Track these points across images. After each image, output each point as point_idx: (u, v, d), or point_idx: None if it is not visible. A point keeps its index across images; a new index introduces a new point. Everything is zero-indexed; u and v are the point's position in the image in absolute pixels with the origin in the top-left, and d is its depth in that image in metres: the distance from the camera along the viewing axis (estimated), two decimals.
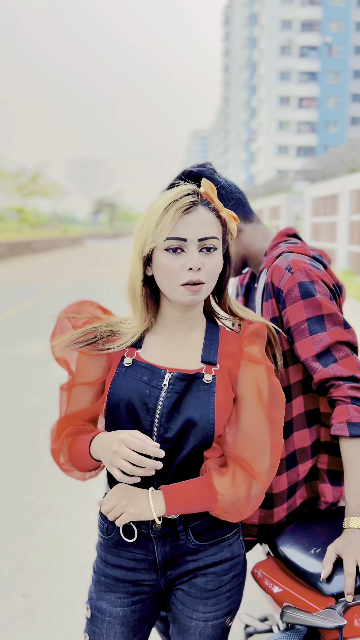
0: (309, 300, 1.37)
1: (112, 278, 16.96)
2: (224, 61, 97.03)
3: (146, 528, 1.23)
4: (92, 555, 2.85)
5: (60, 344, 1.26)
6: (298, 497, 1.49)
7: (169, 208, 1.15)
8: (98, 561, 1.33)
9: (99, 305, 1.34)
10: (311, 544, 1.33)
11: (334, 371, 1.34)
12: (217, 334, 1.27)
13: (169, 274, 1.17)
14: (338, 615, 1.10)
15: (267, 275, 1.46)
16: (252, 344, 1.24)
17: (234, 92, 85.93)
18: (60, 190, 59.06)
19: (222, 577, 1.26)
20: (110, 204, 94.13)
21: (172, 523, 1.23)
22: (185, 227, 1.15)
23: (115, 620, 1.27)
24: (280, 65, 62.78)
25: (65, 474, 1.32)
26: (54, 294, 13.50)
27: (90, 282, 16.06)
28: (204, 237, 1.16)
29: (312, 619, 1.11)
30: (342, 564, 1.22)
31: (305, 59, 63.17)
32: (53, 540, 3.02)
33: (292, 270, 1.40)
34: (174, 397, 1.19)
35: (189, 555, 1.25)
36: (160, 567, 1.26)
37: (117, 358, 1.26)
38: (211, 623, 1.26)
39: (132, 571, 1.27)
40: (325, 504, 1.49)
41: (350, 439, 1.30)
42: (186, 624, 1.27)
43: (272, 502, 1.46)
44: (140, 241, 1.20)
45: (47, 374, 6.32)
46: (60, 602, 2.53)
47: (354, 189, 15.06)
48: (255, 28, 69.57)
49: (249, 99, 73.13)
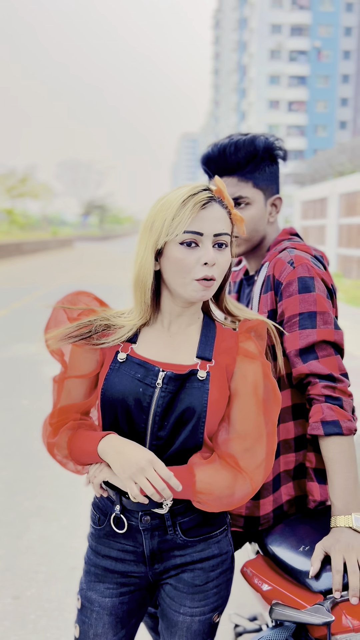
0: (306, 295, 1.39)
1: (102, 280, 16.93)
2: (214, 64, 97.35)
3: (135, 520, 1.25)
4: (82, 557, 2.87)
5: (55, 337, 1.25)
6: (284, 492, 1.50)
7: (187, 202, 1.15)
8: (89, 552, 1.35)
9: (95, 296, 1.33)
10: (300, 542, 1.35)
11: (313, 368, 1.35)
12: (213, 330, 1.28)
13: (183, 268, 1.17)
14: (326, 611, 1.11)
15: (269, 267, 1.48)
16: (248, 339, 1.25)
17: (224, 95, 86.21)
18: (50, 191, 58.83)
19: (209, 573, 1.27)
20: (100, 205, 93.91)
21: (161, 518, 1.24)
22: (202, 222, 1.16)
23: (104, 611, 1.29)
24: (270, 69, 63.10)
25: (61, 466, 1.31)
26: (43, 295, 13.45)
27: (80, 284, 16.01)
28: (219, 233, 1.18)
29: (300, 615, 1.12)
30: (330, 562, 1.23)
31: (294, 63, 63.56)
32: (42, 542, 3.02)
33: (294, 265, 1.42)
34: (168, 397, 1.20)
35: (177, 550, 1.26)
36: (148, 560, 1.27)
37: (110, 353, 1.26)
38: (198, 618, 1.27)
39: (121, 562, 1.29)
40: (313, 502, 1.50)
41: (326, 438, 1.32)
42: (174, 618, 1.28)
43: (259, 494, 1.47)
44: (154, 234, 1.19)
45: (36, 376, 6.30)
46: (50, 604, 2.52)
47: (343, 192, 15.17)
48: (245, 32, 69.88)
49: (239, 102, 73.39)
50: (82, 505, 3.41)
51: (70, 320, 1.27)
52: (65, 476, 3.77)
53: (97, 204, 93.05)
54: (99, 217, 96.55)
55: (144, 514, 1.24)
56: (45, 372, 6.48)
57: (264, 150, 1.51)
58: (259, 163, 1.52)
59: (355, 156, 17.70)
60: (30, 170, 52.98)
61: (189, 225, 1.15)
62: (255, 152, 1.50)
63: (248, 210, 1.53)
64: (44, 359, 7.08)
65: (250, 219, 1.53)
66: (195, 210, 1.15)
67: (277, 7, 62.32)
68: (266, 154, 1.52)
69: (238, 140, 1.50)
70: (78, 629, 1.33)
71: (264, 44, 62.59)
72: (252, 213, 1.53)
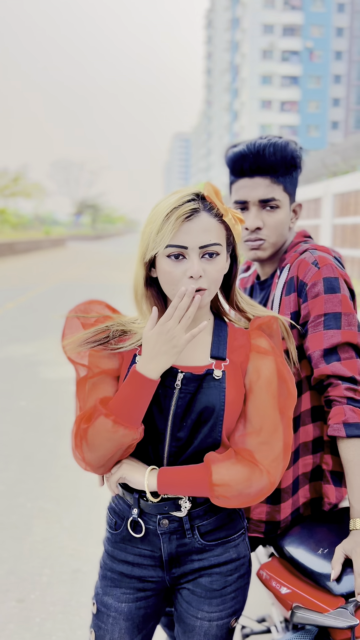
0: (332, 295, 1.39)
1: (98, 280, 16.90)
2: (207, 64, 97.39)
3: (153, 524, 1.24)
4: (85, 559, 2.86)
5: (73, 343, 1.25)
6: (301, 495, 1.50)
7: (170, 215, 1.14)
8: (105, 556, 1.33)
9: (107, 304, 1.34)
10: (318, 545, 1.34)
11: (335, 369, 1.35)
12: (225, 330, 1.28)
13: (171, 280, 1.18)
14: (350, 614, 1.10)
15: (292, 269, 1.47)
16: (259, 336, 1.25)
17: (217, 95, 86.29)
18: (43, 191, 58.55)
19: (227, 577, 1.26)
20: (92, 205, 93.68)
21: (180, 521, 1.23)
22: (186, 235, 1.15)
23: (121, 616, 1.28)
24: (262, 69, 63.24)
25: (88, 470, 1.24)
26: (38, 295, 13.40)
27: (74, 284, 15.97)
28: (205, 245, 1.16)
29: (324, 619, 1.11)
30: (350, 565, 1.23)
31: (286, 63, 63.74)
32: (45, 545, 3.00)
33: (319, 265, 1.42)
34: (187, 398, 1.20)
35: (195, 554, 1.25)
36: (166, 564, 1.26)
37: (128, 356, 1.26)
38: (216, 623, 1.26)
39: (138, 567, 1.27)
40: (329, 505, 1.50)
41: (347, 440, 1.31)
42: (191, 623, 1.27)
43: (280, 497, 1.46)
44: (143, 246, 1.21)
45: (33, 377, 6.27)
46: (54, 607, 2.51)
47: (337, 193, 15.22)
48: (237, 32, 69.97)
49: (231, 102, 73.49)
50: (84, 507, 3.39)
51: (84, 327, 1.28)
52: (66, 478, 3.75)
53: (89, 203, 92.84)
54: (91, 216, 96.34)
55: (162, 517, 1.23)
56: (42, 372, 6.45)
57: (292, 156, 1.50)
58: (289, 168, 1.51)
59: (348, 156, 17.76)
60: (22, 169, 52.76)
61: (172, 239, 1.15)
62: (288, 157, 1.49)
63: (277, 214, 1.52)
64: (40, 359, 7.05)
65: (279, 222, 1.52)
66: (178, 225, 1.14)
67: (269, 7, 62.46)
68: (294, 160, 1.51)
69: (276, 143, 1.48)
70: (94, 634, 1.31)
71: (256, 44, 62.72)
72: (281, 217, 1.52)
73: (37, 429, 4.66)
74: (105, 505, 3.39)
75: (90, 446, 1.18)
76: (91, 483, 3.64)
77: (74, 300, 12.31)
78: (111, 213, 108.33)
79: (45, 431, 4.61)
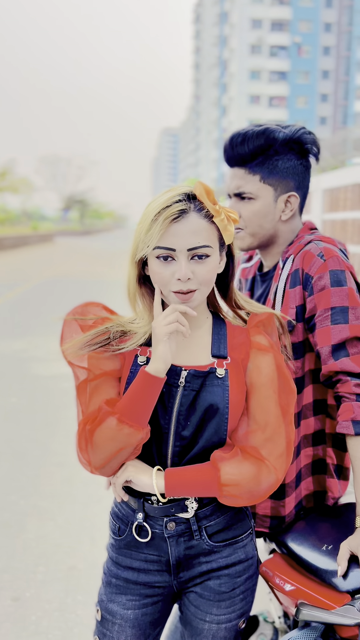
0: (339, 289, 1.36)
1: (85, 276, 16.81)
2: (195, 59, 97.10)
3: (160, 527, 1.22)
4: (80, 556, 2.84)
5: (73, 347, 1.22)
6: (303, 487, 1.49)
7: (157, 216, 1.12)
8: (109, 562, 1.31)
9: (104, 306, 1.32)
10: (321, 541, 1.33)
11: (344, 365, 1.33)
12: (224, 328, 1.27)
13: (160, 281, 1.17)
14: (357, 611, 1.10)
15: (297, 261, 1.43)
16: (259, 333, 1.24)
17: (205, 90, 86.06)
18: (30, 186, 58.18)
19: (235, 579, 1.25)
20: (80, 200, 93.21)
21: (187, 523, 1.21)
22: (174, 237, 1.13)
23: (127, 623, 1.25)
24: (251, 64, 63.16)
25: (95, 473, 1.21)
26: (26, 291, 13.30)
27: (63, 280, 15.89)
28: (193, 247, 1.14)
29: (331, 616, 1.11)
30: (354, 562, 1.22)
31: (275, 59, 63.71)
32: (39, 542, 2.97)
33: (325, 258, 1.39)
34: (191, 395, 1.18)
35: (203, 556, 1.23)
36: (174, 568, 1.24)
37: (130, 356, 1.24)
38: (224, 625, 1.25)
39: (144, 573, 1.25)
40: (332, 499, 1.49)
41: (356, 437, 1.30)
42: (199, 626, 1.26)
43: (284, 492, 1.45)
44: (134, 245, 1.20)
45: (23, 373, 6.22)
46: (50, 605, 2.49)
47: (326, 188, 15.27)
48: (225, 26, 69.81)
49: (220, 97, 73.36)
50: (77, 504, 3.37)
51: (83, 329, 1.25)
52: (59, 475, 3.73)
53: (77, 198, 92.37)
54: (79, 212, 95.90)
55: (168, 520, 1.21)
56: (33, 369, 6.41)
57: (281, 143, 1.45)
58: (270, 157, 1.45)
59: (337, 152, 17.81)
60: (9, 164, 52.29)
61: (159, 240, 1.13)
62: (265, 146, 1.44)
63: (251, 205, 1.48)
64: (30, 355, 7.00)
65: (253, 214, 1.48)
66: (165, 226, 1.12)
67: (257, 1, 62.35)
68: (284, 147, 1.46)
69: (247, 132, 1.45)
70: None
71: (244, 39, 62.61)
72: (256, 208, 1.48)
73: (29, 426, 4.62)
74: (99, 502, 3.37)
75: (95, 447, 1.15)
76: (85, 480, 3.61)
77: (63, 296, 12.24)
78: (99, 208, 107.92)
79: (37, 428, 4.58)
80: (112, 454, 1.16)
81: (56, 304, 11.27)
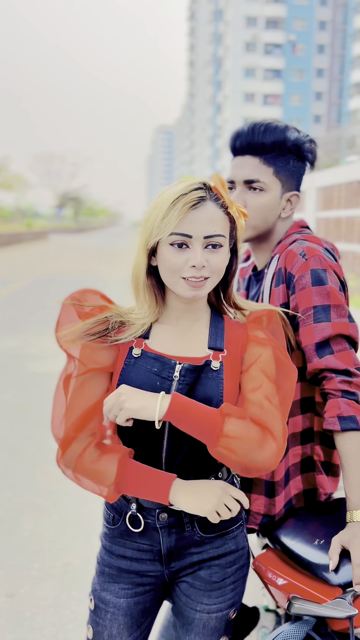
0: (320, 288, 1.38)
1: (80, 274, 16.79)
2: (190, 56, 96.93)
3: (152, 518, 1.24)
4: (76, 552, 2.85)
5: (71, 335, 1.21)
6: (292, 487, 1.51)
7: (176, 202, 1.13)
8: (102, 552, 1.33)
9: (102, 294, 1.31)
10: (313, 536, 1.35)
11: (329, 363, 1.35)
12: (222, 323, 1.28)
13: (172, 268, 1.16)
14: (349, 604, 1.12)
15: (280, 260, 1.45)
16: (256, 328, 1.25)
17: (199, 88, 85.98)
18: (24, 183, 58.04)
19: (226, 569, 1.27)
20: (74, 197, 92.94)
21: (178, 514, 1.23)
22: (192, 224, 1.14)
23: (119, 611, 1.27)
24: (245, 62, 63.13)
25: (80, 486, 1.22)
26: (20, 289, 13.28)
27: (57, 277, 15.86)
28: (209, 235, 1.15)
29: (322, 609, 1.12)
30: (346, 556, 1.24)
31: (269, 56, 63.70)
32: (34, 539, 2.98)
33: (306, 257, 1.40)
34: (185, 389, 1.19)
35: (194, 547, 1.25)
36: (165, 558, 1.26)
37: (124, 348, 1.24)
38: (215, 615, 1.26)
39: (136, 562, 1.27)
40: (325, 495, 1.51)
41: (342, 433, 1.31)
42: (190, 616, 1.28)
43: (274, 490, 1.47)
44: (146, 233, 1.19)
45: (17, 370, 6.22)
46: (44, 601, 2.50)
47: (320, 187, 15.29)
48: (220, 24, 69.73)
49: (215, 94, 73.30)
50: (72, 501, 3.38)
51: (81, 316, 1.24)
52: (54, 472, 3.73)
53: (71, 196, 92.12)
54: (73, 209, 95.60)
55: (160, 511, 1.23)
56: (27, 366, 6.40)
57: (293, 143, 1.49)
58: (285, 153, 1.49)
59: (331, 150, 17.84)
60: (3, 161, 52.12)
61: (177, 227, 1.13)
62: (283, 141, 1.47)
63: (261, 197, 1.50)
64: (25, 352, 6.99)
65: (261, 206, 1.50)
66: (184, 212, 1.12)
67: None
68: (295, 148, 1.49)
69: (270, 124, 1.48)
70: (91, 630, 1.31)
71: (239, 37, 62.56)
72: (265, 200, 1.50)
73: (24, 423, 4.63)
74: (94, 499, 3.38)
75: (79, 471, 1.20)
76: None
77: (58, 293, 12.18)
78: (94, 206, 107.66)
79: (31, 425, 4.58)
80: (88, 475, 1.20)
81: (50, 301, 11.24)
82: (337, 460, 1.55)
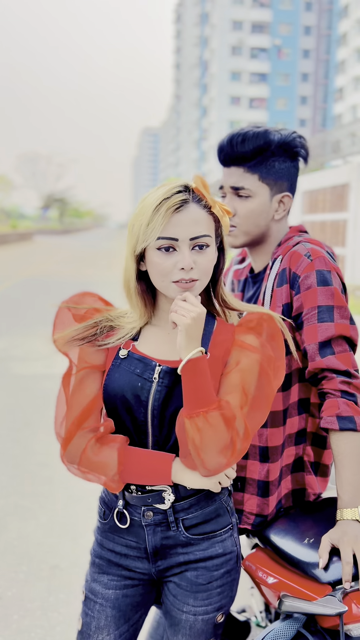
0: (325, 288, 1.40)
1: (66, 276, 16.71)
2: (176, 59, 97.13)
3: (138, 516, 1.25)
4: (63, 555, 2.85)
5: (63, 339, 1.25)
6: (283, 486, 1.52)
7: (159, 207, 1.14)
8: (94, 544, 1.35)
9: (100, 297, 1.33)
10: (303, 535, 1.37)
11: (330, 363, 1.36)
12: (212, 325, 1.28)
13: (161, 272, 1.18)
14: (338, 602, 1.13)
15: (285, 261, 1.47)
16: (246, 333, 1.24)
17: (186, 90, 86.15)
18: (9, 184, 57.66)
19: (213, 572, 1.27)
20: (60, 199, 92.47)
21: (164, 514, 1.24)
22: (176, 227, 1.15)
23: (107, 603, 1.29)
24: (231, 65, 63.40)
25: (86, 480, 1.24)
26: (5, 290, 13.18)
27: (42, 279, 15.78)
28: (195, 236, 1.16)
29: (312, 607, 1.14)
30: (335, 554, 1.25)
31: (255, 60, 64.04)
32: (21, 542, 2.97)
33: (312, 258, 1.42)
34: (164, 391, 1.20)
35: (180, 547, 1.26)
36: (151, 556, 1.27)
37: (113, 350, 1.27)
38: (201, 617, 1.27)
39: (124, 557, 1.29)
40: (314, 495, 1.52)
41: (339, 432, 1.33)
42: (177, 616, 1.28)
43: (268, 490, 1.48)
44: (133, 239, 1.20)
45: (3, 373, 6.18)
46: (32, 604, 2.49)
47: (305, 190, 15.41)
48: (206, 27, 69.96)
49: (201, 97, 73.50)
50: (59, 503, 3.37)
51: (76, 319, 1.27)
52: (40, 474, 3.72)
53: (57, 197, 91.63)
54: (59, 210, 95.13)
55: (146, 509, 1.24)
56: (12, 368, 6.36)
57: (277, 145, 1.49)
58: (268, 157, 1.50)
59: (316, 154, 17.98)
60: None
61: (162, 231, 1.15)
62: (264, 146, 1.48)
63: (249, 203, 1.51)
64: (10, 355, 6.95)
65: (249, 211, 1.51)
66: (168, 216, 1.13)
67: (238, 3, 62.63)
68: (280, 149, 1.50)
69: (247, 132, 1.49)
70: (81, 621, 1.33)
71: (225, 40, 62.82)
72: (253, 206, 1.51)
73: (9, 426, 4.60)
74: (80, 501, 3.38)
75: (82, 463, 1.23)
76: (66, 480, 3.61)
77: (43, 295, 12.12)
78: (79, 207, 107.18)
79: (17, 428, 4.55)
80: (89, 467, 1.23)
81: (36, 303, 11.19)
82: (327, 460, 1.57)
